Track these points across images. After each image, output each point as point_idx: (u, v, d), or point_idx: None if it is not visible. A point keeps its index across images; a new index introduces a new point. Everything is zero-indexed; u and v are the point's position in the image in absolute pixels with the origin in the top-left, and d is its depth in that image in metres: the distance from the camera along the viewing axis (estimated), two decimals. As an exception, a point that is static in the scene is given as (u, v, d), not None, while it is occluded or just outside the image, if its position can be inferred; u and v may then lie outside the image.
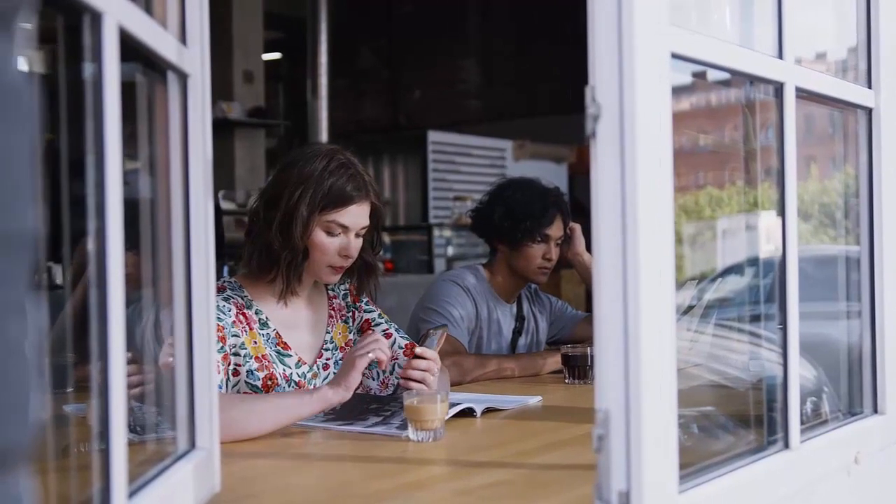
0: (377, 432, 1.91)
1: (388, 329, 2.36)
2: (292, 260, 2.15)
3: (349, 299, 2.39)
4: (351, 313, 2.38)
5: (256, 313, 2.20)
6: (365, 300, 2.40)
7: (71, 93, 1.03)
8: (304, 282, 2.25)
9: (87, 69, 1.02)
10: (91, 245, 1.01)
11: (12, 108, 0.60)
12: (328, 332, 2.31)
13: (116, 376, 1.01)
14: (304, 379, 2.22)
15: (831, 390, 1.88)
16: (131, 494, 1.08)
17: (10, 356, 0.57)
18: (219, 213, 4.34)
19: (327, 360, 2.29)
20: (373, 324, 2.37)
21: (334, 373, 2.25)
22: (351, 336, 2.35)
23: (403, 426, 1.89)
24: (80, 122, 1.02)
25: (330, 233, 2.16)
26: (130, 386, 1.50)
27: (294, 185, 2.14)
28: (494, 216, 2.98)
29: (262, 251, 2.17)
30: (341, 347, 2.32)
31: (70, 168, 1.05)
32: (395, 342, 2.33)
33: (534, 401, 2.33)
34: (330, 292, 2.37)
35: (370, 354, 1.97)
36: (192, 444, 1.36)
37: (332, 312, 2.34)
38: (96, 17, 0.99)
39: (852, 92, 1.77)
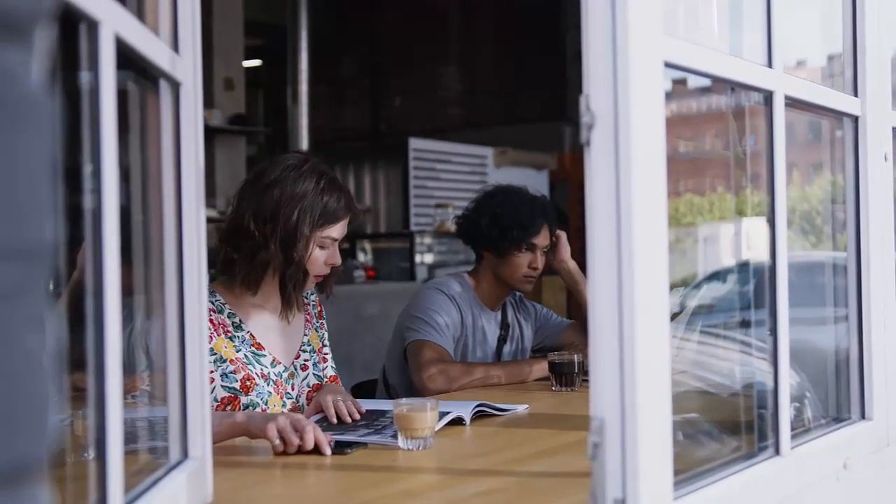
0: (371, 441, 1.90)
1: (327, 354, 2.46)
2: (300, 279, 2.23)
3: (316, 311, 2.47)
4: (319, 324, 2.47)
5: (229, 317, 2.25)
6: (324, 318, 2.50)
7: (66, 100, 1.03)
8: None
9: (83, 77, 1.01)
10: (87, 254, 1.00)
11: (33, 119, 0.60)
12: (305, 335, 2.39)
13: (112, 386, 1.00)
14: (281, 378, 2.27)
15: (813, 396, 1.89)
16: (127, 505, 1.07)
17: (29, 368, 0.57)
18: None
19: (305, 360, 2.36)
20: (321, 343, 2.46)
21: (313, 374, 2.35)
22: (321, 344, 2.44)
23: (396, 436, 1.88)
24: (75, 129, 1.02)
25: (322, 247, 2.25)
26: None
27: (288, 204, 2.19)
28: (481, 224, 2.98)
29: (259, 268, 2.22)
30: (317, 351, 2.40)
31: (63, 176, 1.04)
32: (325, 368, 2.42)
33: (522, 408, 2.33)
34: (303, 298, 2.43)
35: (276, 442, 1.82)
36: (185, 454, 1.35)
37: (308, 318, 2.42)
38: (93, 26, 0.99)
39: (839, 100, 1.79)
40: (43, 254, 0.60)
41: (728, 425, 1.74)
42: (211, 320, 2.19)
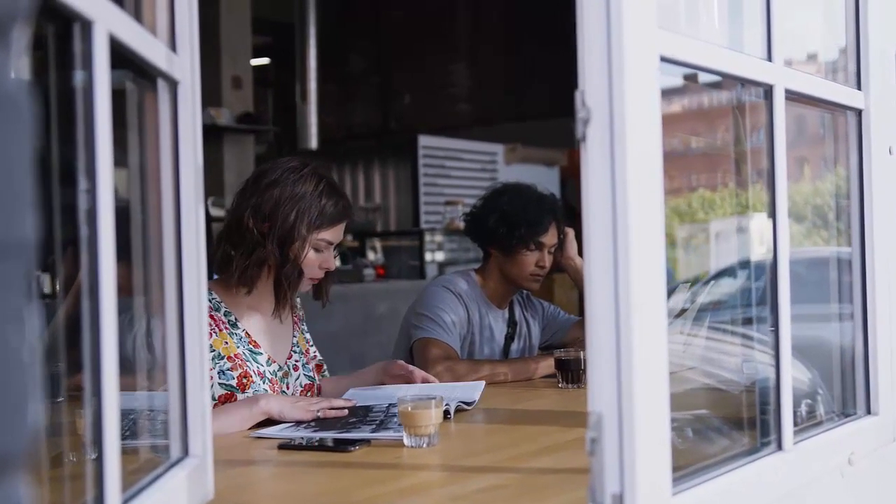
0: (377, 437, 1.90)
1: (316, 351, 2.52)
2: (294, 278, 2.27)
3: (301, 314, 2.52)
4: (304, 328, 2.51)
5: (226, 315, 2.28)
6: (305, 321, 2.54)
7: (60, 100, 1.03)
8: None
9: (77, 76, 1.01)
10: (83, 254, 1.00)
11: (11, 117, 0.60)
12: (294, 337, 2.44)
13: (109, 385, 1.01)
14: (276, 377, 2.32)
15: (826, 392, 1.88)
16: (125, 502, 1.07)
17: (9, 363, 0.58)
18: (208, 219, 4.37)
19: (296, 361, 2.41)
20: (308, 345, 2.50)
21: (304, 374, 2.41)
22: (307, 345, 2.49)
23: (401, 430, 1.87)
24: (70, 129, 1.02)
25: (317, 249, 2.29)
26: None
27: (287, 203, 2.24)
28: (489, 221, 2.97)
29: (256, 265, 2.25)
30: (304, 353, 2.45)
31: (59, 176, 1.05)
32: (313, 367, 2.46)
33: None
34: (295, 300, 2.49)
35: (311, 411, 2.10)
36: (186, 452, 1.36)
37: (296, 320, 2.47)
38: (87, 25, 0.99)
39: (842, 93, 1.78)
40: (23, 250, 0.60)
41: (732, 421, 1.73)
42: (212, 316, 2.23)
